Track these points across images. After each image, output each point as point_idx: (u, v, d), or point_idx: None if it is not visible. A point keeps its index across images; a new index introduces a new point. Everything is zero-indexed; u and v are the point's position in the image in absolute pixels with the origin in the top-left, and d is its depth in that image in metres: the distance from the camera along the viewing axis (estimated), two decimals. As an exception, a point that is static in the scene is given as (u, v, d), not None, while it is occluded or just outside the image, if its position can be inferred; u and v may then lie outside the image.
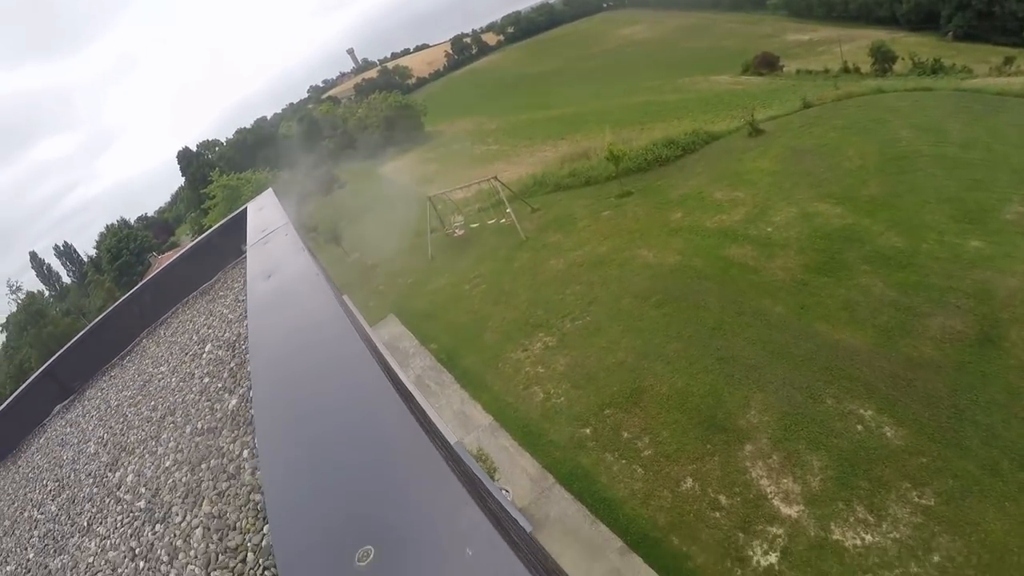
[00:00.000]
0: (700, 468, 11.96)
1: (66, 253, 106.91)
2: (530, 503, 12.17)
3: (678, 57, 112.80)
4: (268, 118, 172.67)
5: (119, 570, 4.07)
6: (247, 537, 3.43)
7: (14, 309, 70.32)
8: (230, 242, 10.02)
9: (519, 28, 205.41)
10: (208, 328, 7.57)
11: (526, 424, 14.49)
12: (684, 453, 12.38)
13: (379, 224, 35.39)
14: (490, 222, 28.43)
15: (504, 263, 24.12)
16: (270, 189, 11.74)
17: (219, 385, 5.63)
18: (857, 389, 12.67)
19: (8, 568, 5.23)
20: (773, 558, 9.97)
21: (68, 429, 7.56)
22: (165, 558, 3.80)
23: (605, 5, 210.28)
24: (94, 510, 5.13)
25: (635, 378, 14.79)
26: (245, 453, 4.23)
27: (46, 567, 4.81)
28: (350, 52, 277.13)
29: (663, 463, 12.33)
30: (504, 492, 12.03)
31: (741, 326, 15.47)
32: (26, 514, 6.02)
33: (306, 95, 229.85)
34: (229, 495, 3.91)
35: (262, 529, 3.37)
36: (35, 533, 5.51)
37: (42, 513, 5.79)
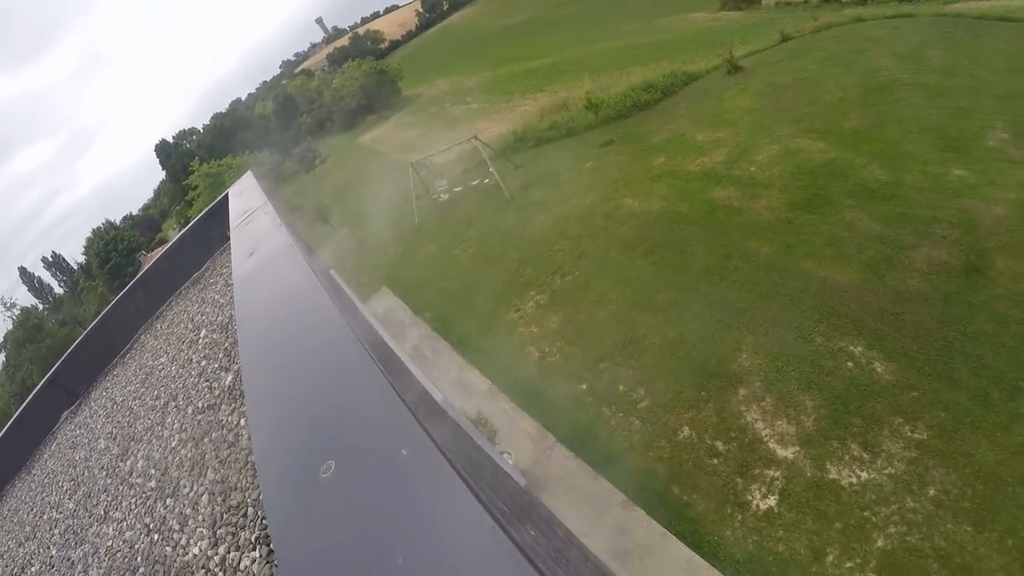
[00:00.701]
0: (696, 416, 12.10)
1: (56, 263, 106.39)
2: (533, 464, 12.31)
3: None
4: (243, 99, 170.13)
5: (136, 546, 4.48)
6: (247, 494, 3.90)
7: (10, 327, 70.51)
8: (215, 229, 10.33)
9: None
10: (202, 315, 7.88)
11: (524, 385, 14.58)
12: (679, 402, 12.51)
13: (364, 196, 35.17)
14: (474, 183, 28.28)
15: (491, 224, 23.99)
16: (249, 172, 11.83)
17: (215, 366, 5.99)
18: (846, 326, 12.74)
19: (33, 568, 5.52)
20: (772, 501, 10.14)
21: (78, 431, 7.82)
22: (176, 527, 4.23)
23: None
24: (109, 499, 5.47)
25: (627, 330, 14.88)
26: (242, 422, 4.67)
27: (69, 560, 5.13)
28: (319, 21, 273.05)
29: (659, 413, 12.46)
30: (506, 456, 12.17)
31: (729, 269, 15.51)
32: (45, 516, 6.33)
33: (279, 71, 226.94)
34: (230, 461, 4.34)
35: (259, 485, 3.67)
36: (55, 531, 5.82)
37: (60, 512, 6.11)
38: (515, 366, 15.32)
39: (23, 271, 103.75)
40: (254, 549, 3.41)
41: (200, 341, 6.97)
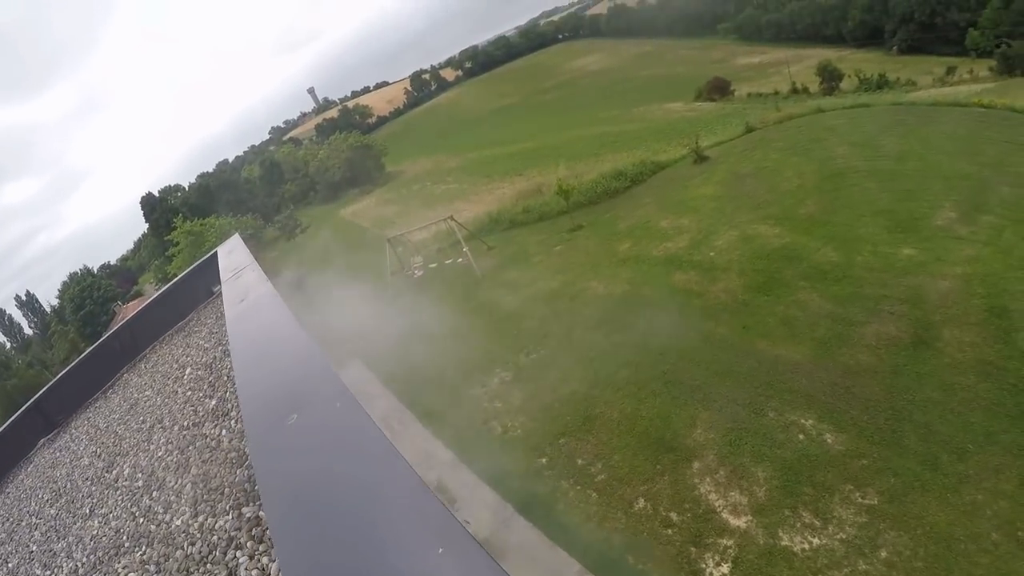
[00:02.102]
0: (651, 488, 12.30)
1: (28, 304, 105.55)
2: (491, 533, 12.37)
3: (633, 86, 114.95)
4: (230, 161, 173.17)
5: (122, 530, 4.95)
6: (225, 479, 4.52)
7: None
8: (201, 284, 10.79)
9: (477, 63, 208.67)
10: (187, 357, 8.34)
11: (486, 458, 14.71)
12: (635, 475, 12.73)
13: (341, 268, 35.58)
14: (447, 262, 28.91)
15: (462, 302, 24.48)
16: (236, 235, 12.38)
17: (200, 394, 6.53)
18: (797, 400, 13.17)
19: (11, 564, 5.83)
20: (725, 569, 10.29)
21: (58, 454, 8.15)
22: (161, 510, 4.79)
23: (560, 36, 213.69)
24: (94, 501, 5.91)
25: (587, 406, 15.17)
26: (224, 432, 5.27)
27: (51, 551, 5.52)
28: (311, 91, 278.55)
29: (616, 486, 12.65)
30: (466, 523, 12.22)
31: (686, 349, 15.95)
32: (24, 523, 6.61)
33: (268, 136, 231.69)
34: (212, 460, 4.94)
35: (236, 472, 4.49)
36: (35, 534, 6.14)
37: (40, 518, 6.43)
38: (478, 439, 15.47)
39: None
40: (227, 514, 4.15)
41: (185, 377, 7.45)
